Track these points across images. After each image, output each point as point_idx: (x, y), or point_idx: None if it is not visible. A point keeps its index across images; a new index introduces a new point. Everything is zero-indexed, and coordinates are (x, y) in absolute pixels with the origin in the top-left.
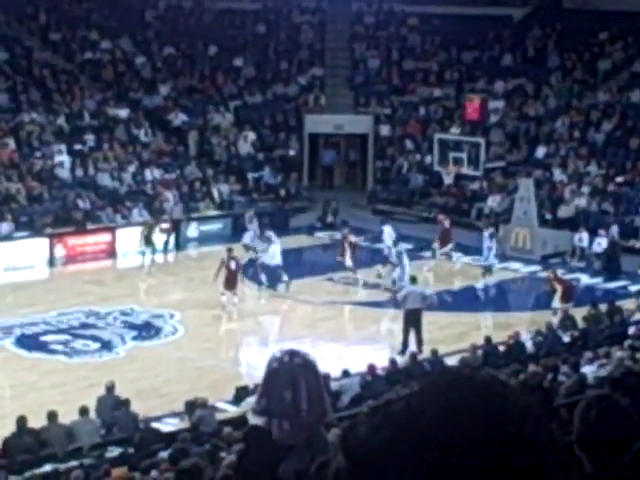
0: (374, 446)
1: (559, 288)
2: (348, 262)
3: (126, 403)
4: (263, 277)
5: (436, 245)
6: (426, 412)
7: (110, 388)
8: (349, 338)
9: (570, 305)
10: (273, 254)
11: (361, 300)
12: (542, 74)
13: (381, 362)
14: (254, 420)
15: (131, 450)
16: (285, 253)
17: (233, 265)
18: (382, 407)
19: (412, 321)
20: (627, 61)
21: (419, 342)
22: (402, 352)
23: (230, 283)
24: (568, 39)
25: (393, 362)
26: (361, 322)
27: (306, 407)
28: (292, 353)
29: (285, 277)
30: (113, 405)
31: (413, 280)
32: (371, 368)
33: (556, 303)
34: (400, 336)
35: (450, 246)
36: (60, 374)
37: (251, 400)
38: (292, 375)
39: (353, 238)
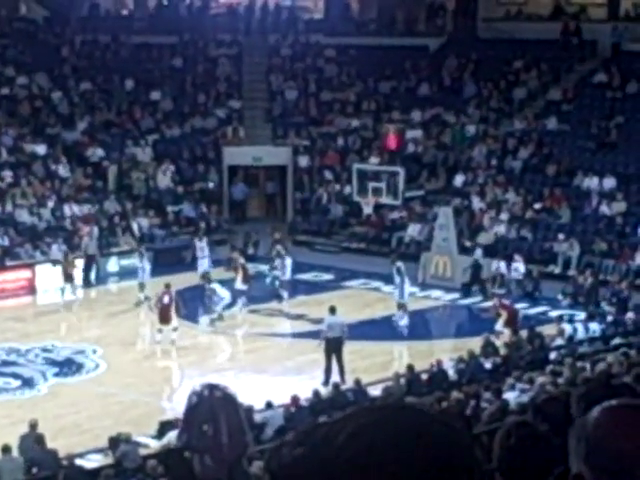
0: (297, 473)
1: (503, 314)
2: (239, 285)
3: (41, 441)
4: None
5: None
6: (341, 434)
7: (33, 425)
8: (272, 370)
9: (514, 329)
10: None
11: (284, 332)
12: (459, 103)
13: (304, 393)
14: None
15: None
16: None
17: (166, 299)
18: (306, 434)
19: (333, 350)
20: (542, 89)
21: (341, 371)
22: (325, 382)
23: (164, 318)
24: (484, 68)
25: (316, 393)
26: (284, 353)
27: (227, 441)
28: (212, 387)
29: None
30: (33, 444)
31: (332, 310)
32: (294, 399)
33: (499, 327)
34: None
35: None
36: None
37: (173, 434)
38: (212, 409)
39: (242, 261)
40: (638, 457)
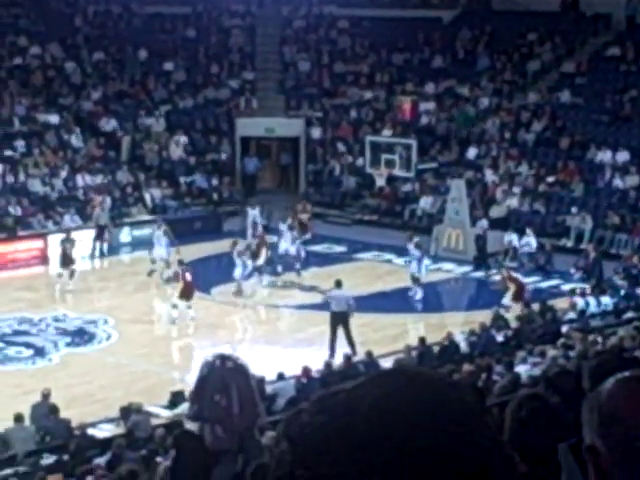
0: (319, 436)
1: (512, 287)
2: (260, 261)
3: (55, 411)
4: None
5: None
6: (369, 405)
7: (46, 395)
8: (284, 341)
9: (522, 303)
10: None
11: (296, 303)
12: (472, 75)
13: (316, 365)
14: (188, 426)
15: (66, 457)
16: (219, 257)
17: (189, 276)
18: (328, 397)
19: (339, 323)
20: (556, 62)
21: (351, 344)
22: (331, 356)
23: (187, 294)
24: (497, 40)
25: (328, 365)
26: (296, 325)
27: (238, 411)
28: (223, 358)
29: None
30: (48, 412)
31: (338, 284)
32: (306, 371)
33: (507, 301)
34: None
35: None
36: None
37: (186, 405)
38: (223, 379)
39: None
40: None
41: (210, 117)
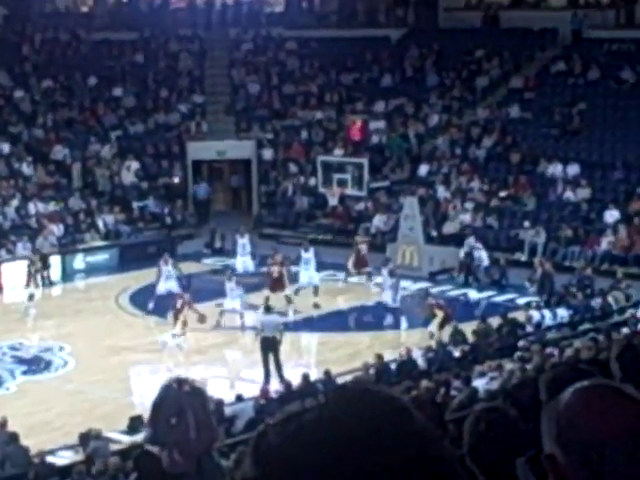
0: (287, 455)
1: (439, 315)
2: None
3: (15, 438)
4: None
5: (350, 267)
6: (338, 423)
7: (2, 424)
8: (241, 363)
9: (449, 328)
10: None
11: (251, 325)
12: (421, 93)
13: (274, 385)
14: (149, 448)
15: None
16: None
17: (179, 304)
18: (294, 417)
19: (269, 349)
20: (504, 77)
21: (279, 370)
22: (266, 382)
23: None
24: (445, 58)
25: (287, 385)
26: (253, 346)
27: (194, 434)
28: (180, 381)
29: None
30: (6, 441)
31: (267, 309)
32: (264, 392)
33: (433, 327)
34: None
35: (368, 269)
36: None
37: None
38: (179, 403)
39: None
40: (608, 436)
41: (161, 141)
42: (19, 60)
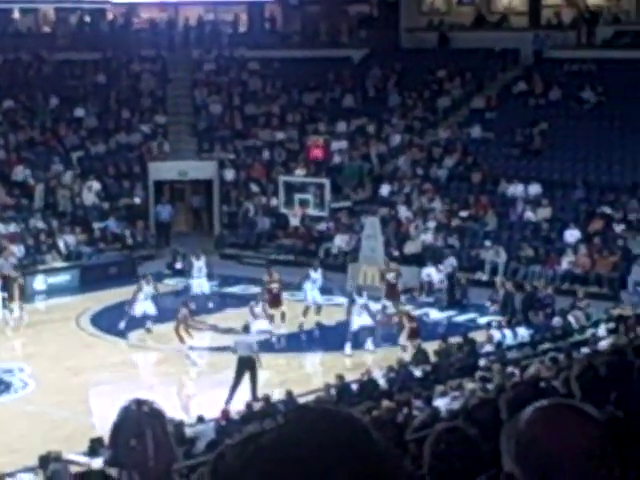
0: (246, 477)
1: (407, 326)
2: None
3: None
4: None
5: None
6: (298, 444)
7: None
8: (202, 384)
9: (418, 341)
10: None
11: (213, 345)
12: (383, 113)
13: (235, 406)
14: (108, 471)
15: None
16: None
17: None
18: (253, 438)
19: (245, 368)
20: (466, 97)
21: (253, 389)
22: (228, 401)
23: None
24: (407, 78)
25: (248, 406)
26: (214, 367)
27: (153, 456)
28: (139, 402)
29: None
30: None
31: (244, 328)
32: (225, 413)
33: (403, 340)
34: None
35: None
36: None
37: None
38: (139, 424)
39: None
40: (567, 454)
41: (122, 162)
42: None
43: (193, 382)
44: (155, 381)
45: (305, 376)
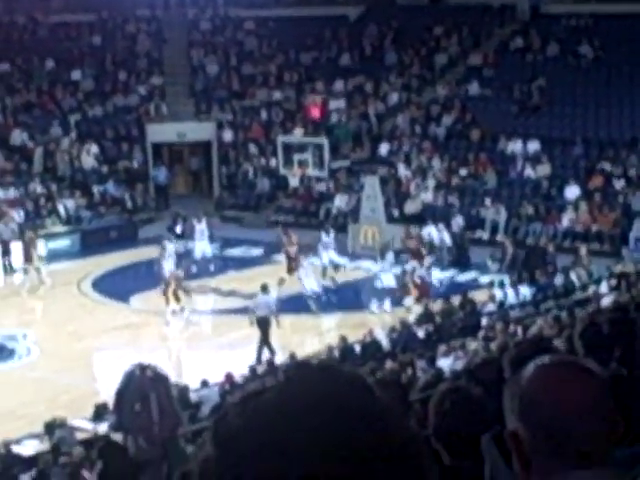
0: (247, 435)
1: (414, 292)
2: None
3: None
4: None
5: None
6: (298, 402)
7: None
8: (206, 347)
9: (426, 301)
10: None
11: (216, 308)
12: (380, 72)
13: (239, 370)
14: (113, 436)
15: None
16: (136, 265)
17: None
18: (254, 397)
19: (261, 327)
20: (463, 54)
21: (260, 347)
22: (258, 362)
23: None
24: (404, 36)
25: (252, 370)
26: (217, 330)
27: (158, 420)
28: (143, 367)
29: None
30: None
31: (264, 289)
32: (229, 377)
33: (408, 302)
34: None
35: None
36: None
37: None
38: (143, 389)
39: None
40: (570, 410)
41: (120, 125)
42: None
43: (197, 346)
44: (159, 345)
45: (307, 338)
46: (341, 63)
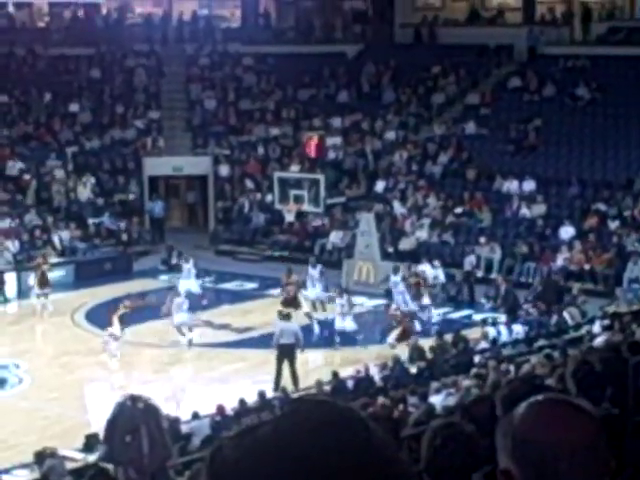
0: (243, 469)
1: (400, 327)
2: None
3: None
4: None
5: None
6: (295, 436)
7: None
8: (198, 380)
9: (413, 340)
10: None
11: (207, 341)
12: (378, 109)
13: (230, 402)
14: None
15: None
16: (130, 298)
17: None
18: (250, 431)
19: (285, 356)
20: (460, 94)
21: (294, 378)
22: (275, 389)
23: None
24: (402, 74)
25: (242, 402)
26: (209, 363)
27: (148, 451)
28: (134, 398)
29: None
30: None
31: (287, 317)
32: (220, 408)
33: (392, 339)
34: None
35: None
36: None
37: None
38: (134, 420)
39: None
40: (562, 450)
41: (117, 157)
42: None
43: (189, 378)
44: (150, 377)
45: (300, 373)
46: (339, 100)
